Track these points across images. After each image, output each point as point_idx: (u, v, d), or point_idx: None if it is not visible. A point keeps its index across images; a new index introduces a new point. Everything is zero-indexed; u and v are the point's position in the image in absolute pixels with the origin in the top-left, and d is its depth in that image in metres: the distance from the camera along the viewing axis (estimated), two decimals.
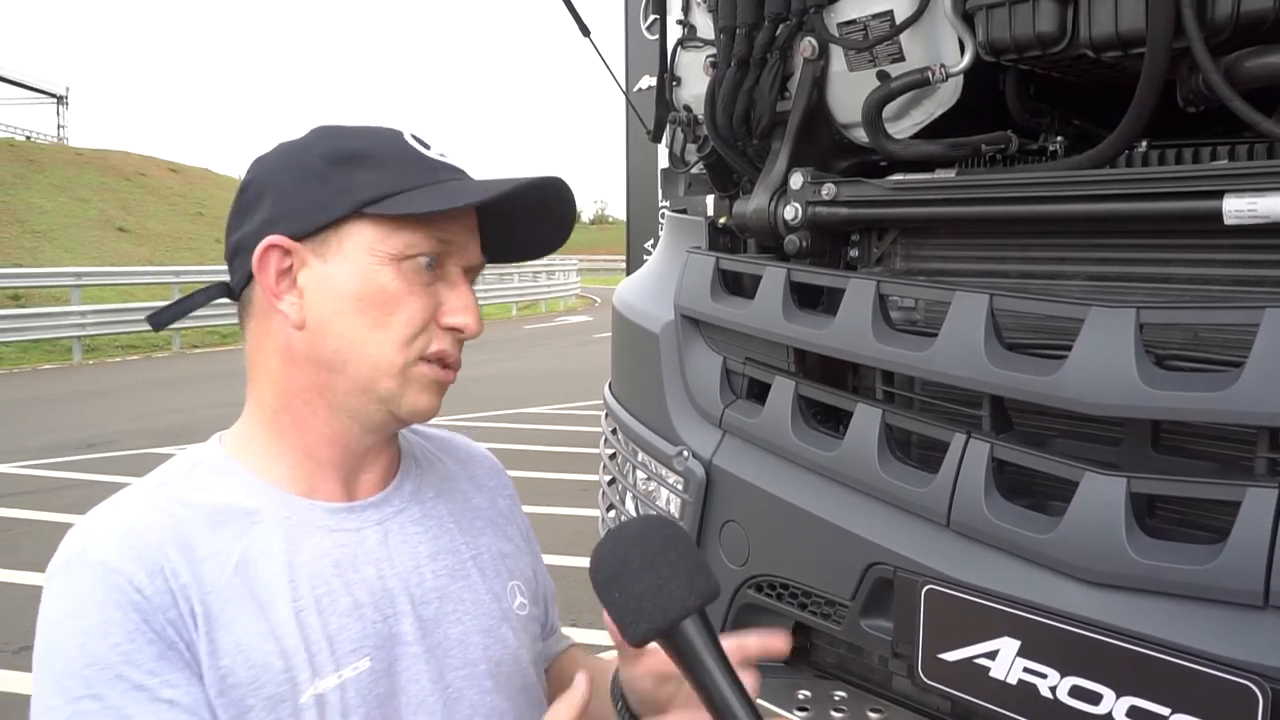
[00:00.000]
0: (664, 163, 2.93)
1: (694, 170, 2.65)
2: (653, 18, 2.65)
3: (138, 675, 0.81)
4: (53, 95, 40.02)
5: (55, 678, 0.80)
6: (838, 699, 1.76)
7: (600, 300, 28.48)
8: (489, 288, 23.66)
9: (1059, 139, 1.84)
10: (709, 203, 2.40)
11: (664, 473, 2.10)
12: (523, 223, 1.02)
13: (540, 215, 1.02)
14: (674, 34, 2.49)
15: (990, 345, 1.44)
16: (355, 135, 0.96)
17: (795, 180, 1.94)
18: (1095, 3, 1.48)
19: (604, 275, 35.20)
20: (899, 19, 1.75)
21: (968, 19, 1.66)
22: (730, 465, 1.91)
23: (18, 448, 8.04)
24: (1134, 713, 1.23)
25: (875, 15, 1.79)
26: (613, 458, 2.47)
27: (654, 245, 2.72)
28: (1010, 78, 1.84)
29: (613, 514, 2.49)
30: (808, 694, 1.79)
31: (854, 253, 1.98)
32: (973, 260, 1.77)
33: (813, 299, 1.89)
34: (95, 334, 15.11)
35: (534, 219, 1.02)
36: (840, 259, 2.00)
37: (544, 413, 9.63)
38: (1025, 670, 1.34)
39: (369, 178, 0.92)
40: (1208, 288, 1.45)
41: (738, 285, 2.04)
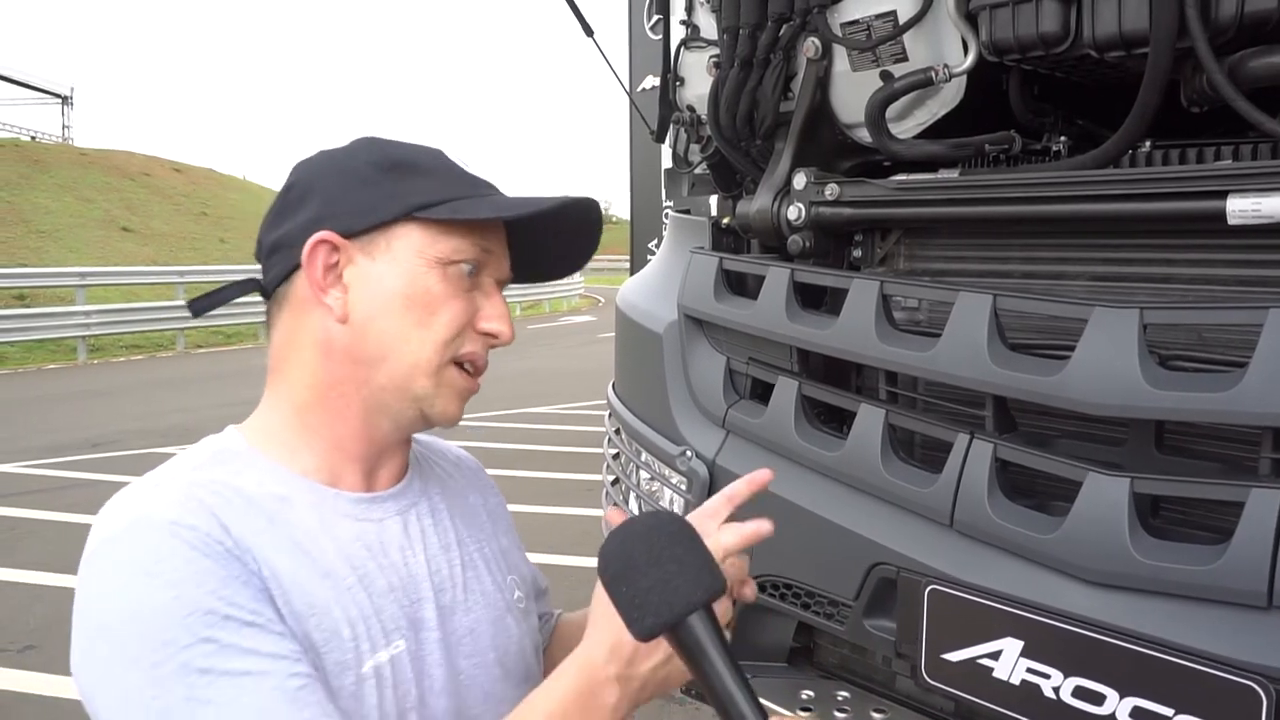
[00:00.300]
0: (667, 163, 2.93)
1: (697, 170, 2.65)
2: (656, 18, 2.66)
3: (243, 614, 0.82)
4: (58, 95, 40.12)
5: (150, 635, 0.78)
6: (841, 699, 1.76)
7: (604, 300, 28.49)
8: None
9: (1062, 139, 1.84)
10: (712, 203, 2.40)
11: (667, 473, 2.10)
12: (558, 241, 1.08)
13: (572, 236, 1.08)
14: (677, 34, 2.49)
15: (994, 345, 1.44)
16: (401, 146, 1.01)
17: (798, 180, 1.94)
18: (1099, 2, 1.47)
19: (608, 275, 35.18)
20: (902, 19, 1.75)
21: (971, 19, 1.66)
22: (733, 465, 1.91)
23: (22, 447, 8.06)
24: (1137, 713, 1.23)
25: (878, 15, 1.79)
26: (616, 457, 2.47)
27: (657, 245, 2.72)
28: (1013, 78, 1.84)
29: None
30: (811, 694, 1.79)
31: (857, 253, 1.98)
32: (976, 260, 1.77)
33: (816, 299, 1.89)
34: (99, 334, 15.14)
35: (561, 242, 1.09)
36: (843, 259, 2.00)
37: (548, 412, 9.64)
38: (1029, 671, 1.34)
39: (419, 184, 0.97)
40: (1211, 288, 1.44)
41: (741, 285, 2.05)
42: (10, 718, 3.51)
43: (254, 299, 1.05)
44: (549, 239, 1.07)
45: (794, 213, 1.94)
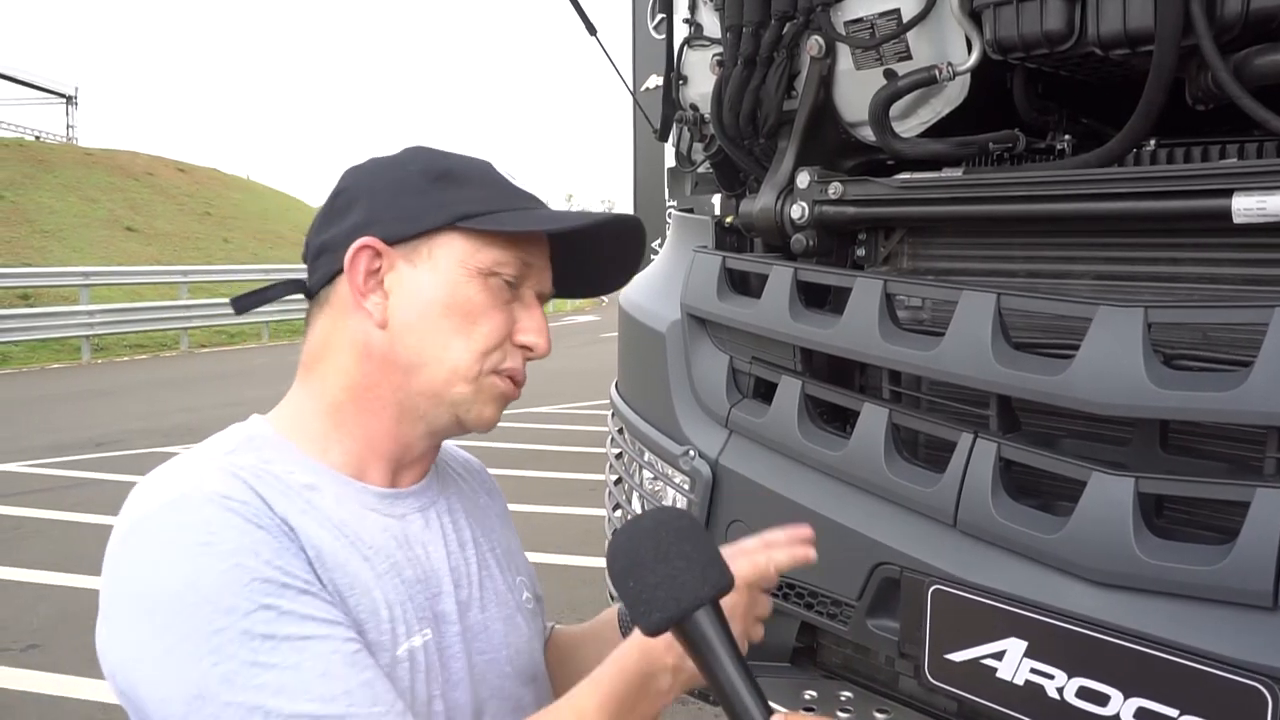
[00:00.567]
0: (671, 162, 2.93)
1: (700, 169, 2.64)
2: (659, 17, 2.65)
3: (298, 583, 0.84)
4: (62, 95, 40.18)
5: (211, 603, 0.79)
6: (844, 699, 1.76)
7: (607, 300, 28.50)
8: None
9: (1067, 137, 1.84)
10: (715, 202, 2.40)
11: (670, 472, 2.09)
12: (594, 260, 1.09)
13: (611, 254, 1.09)
14: (681, 33, 2.48)
15: (998, 345, 1.44)
16: (450, 157, 1.03)
17: (802, 179, 1.94)
18: (1103, 0, 1.47)
19: None
20: (906, 17, 1.74)
21: (975, 17, 1.66)
22: (736, 465, 1.91)
23: (26, 446, 8.08)
24: (1142, 714, 1.22)
25: (882, 13, 1.79)
26: (619, 457, 2.47)
27: (661, 244, 2.71)
28: (1018, 76, 1.83)
29: (619, 513, 2.49)
30: (814, 694, 1.79)
31: (861, 252, 1.98)
32: (980, 259, 1.77)
33: (819, 298, 1.88)
34: (103, 333, 15.18)
35: (605, 258, 1.10)
36: (847, 258, 1.99)
37: (551, 412, 9.64)
38: (1032, 671, 1.34)
39: (465, 195, 0.98)
40: (1216, 287, 1.44)
41: (744, 284, 2.04)
42: (13, 717, 3.51)
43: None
44: (592, 254, 1.08)
45: (797, 211, 1.94)
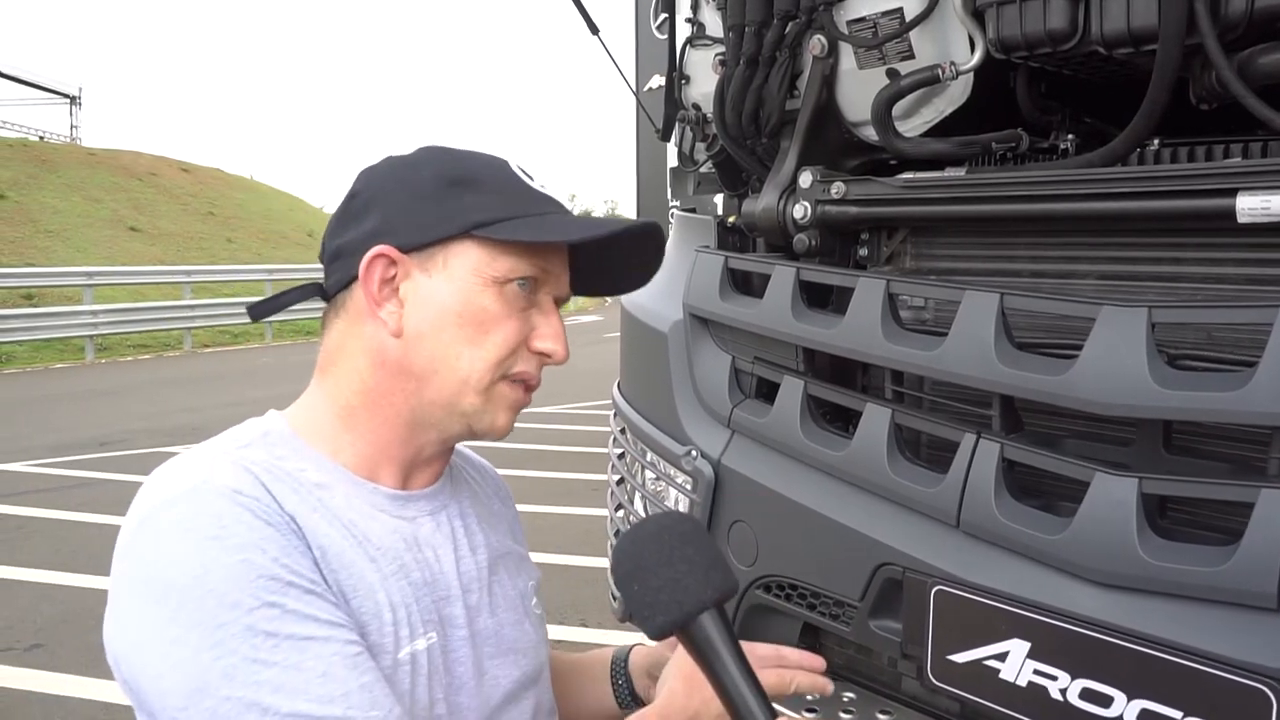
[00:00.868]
0: (673, 162, 2.93)
1: (703, 169, 2.64)
2: (662, 16, 2.64)
3: (304, 582, 0.84)
4: (66, 96, 40.24)
5: (217, 597, 0.79)
6: (846, 700, 1.76)
7: (610, 299, 28.49)
8: None
9: (1070, 137, 1.83)
10: (718, 201, 2.40)
11: (672, 472, 2.09)
12: (612, 262, 1.08)
13: (630, 257, 1.09)
14: (683, 32, 2.48)
15: (1001, 345, 1.43)
16: (466, 159, 1.01)
17: (804, 179, 1.94)
18: None
19: None
20: (909, 16, 1.74)
21: (978, 16, 1.65)
22: (739, 465, 1.90)
23: (30, 446, 8.09)
24: (1145, 716, 1.22)
25: (885, 12, 1.78)
26: (621, 457, 2.47)
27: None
28: (1021, 75, 1.83)
29: (621, 514, 2.48)
30: (816, 694, 1.78)
31: (863, 251, 1.97)
32: (983, 259, 1.76)
33: (822, 298, 1.88)
34: (107, 333, 15.21)
35: (623, 260, 1.09)
36: (850, 258, 1.99)
37: (555, 412, 9.64)
38: (1035, 672, 1.33)
39: (481, 201, 0.97)
40: (1220, 287, 1.43)
41: (747, 284, 2.04)
42: (16, 716, 3.52)
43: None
44: (610, 258, 1.07)
45: (800, 211, 1.93)
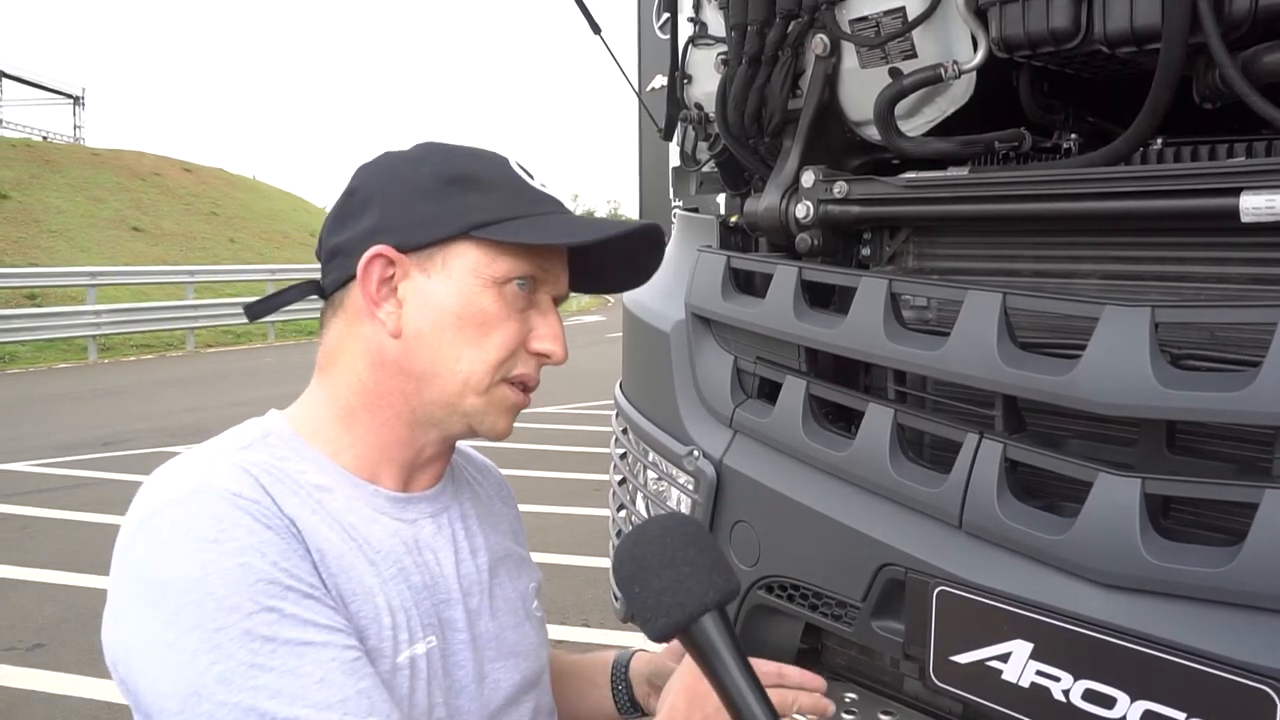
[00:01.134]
0: (675, 161, 2.93)
1: (705, 168, 2.64)
2: (664, 16, 2.64)
3: (303, 586, 0.83)
4: (69, 96, 40.30)
5: (215, 600, 0.79)
6: (848, 701, 1.75)
7: (612, 299, 28.51)
8: None
9: (1073, 136, 1.83)
10: (720, 201, 2.39)
11: (674, 472, 2.09)
12: (611, 261, 1.08)
13: (629, 257, 1.08)
14: (685, 32, 2.48)
15: (1003, 344, 1.43)
16: (466, 157, 1.00)
17: (807, 178, 1.93)
18: None
19: None
20: (911, 15, 1.73)
21: (981, 15, 1.65)
22: (741, 465, 1.90)
23: (33, 446, 8.10)
24: (1148, 717, 1.21)
25: (887, 12, 1.78)
26: (623, 457, 2.46)
27: (665, 243, 2.71)
28: (1023, 74, 1.82)
29: (623, 514, 2.48)
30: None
31: (866, 251, 1.97)
32: (986, 259, 1.76)
33: (824, 298, 1.88)
34: (110, 333, 15.24)
35: (623, 259, 1.08)
36: (852, 257, 1.98)
37: (557, 412, 9.64)
38: (1038, 673, 1.33)
39: (480, 201, 0.96)
40: (1224, 286, 1.43)
41: (749, 284, 2.04)
42: (18, 716, 3.52)
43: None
44: (609, 257, 1.07)
45: (802, 211, 1.93)
